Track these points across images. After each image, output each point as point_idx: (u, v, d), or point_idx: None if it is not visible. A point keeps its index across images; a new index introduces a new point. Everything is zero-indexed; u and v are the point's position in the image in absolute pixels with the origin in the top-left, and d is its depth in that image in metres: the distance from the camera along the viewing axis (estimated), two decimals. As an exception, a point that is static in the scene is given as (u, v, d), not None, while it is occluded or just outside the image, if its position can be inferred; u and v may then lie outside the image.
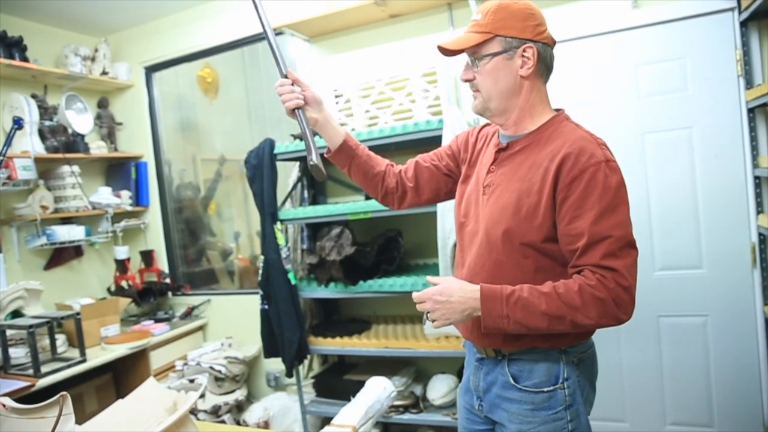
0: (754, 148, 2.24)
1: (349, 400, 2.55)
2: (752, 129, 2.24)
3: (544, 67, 1.31)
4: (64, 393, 1.36)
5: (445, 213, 2.33)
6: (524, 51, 1.27)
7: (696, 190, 2.36)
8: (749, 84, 2.24)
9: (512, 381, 1.31)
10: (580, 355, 1.31)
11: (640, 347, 2.49)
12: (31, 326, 2.48)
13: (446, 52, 1.32)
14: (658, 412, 2.49)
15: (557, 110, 1.36)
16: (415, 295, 1.28)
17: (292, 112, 1.45)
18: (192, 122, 4.69)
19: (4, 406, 1.39)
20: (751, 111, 2.24)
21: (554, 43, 1.33)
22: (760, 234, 2.25)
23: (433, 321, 1.27)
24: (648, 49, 2.41)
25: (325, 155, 1.57)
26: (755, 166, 2.24)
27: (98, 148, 3.38)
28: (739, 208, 2.30)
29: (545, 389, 1.28)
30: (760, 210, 2.25)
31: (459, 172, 1.53)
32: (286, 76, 1.45)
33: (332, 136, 1.55)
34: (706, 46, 2.31)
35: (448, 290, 1.23)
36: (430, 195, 1.59)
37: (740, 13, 2.21)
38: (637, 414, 2.52)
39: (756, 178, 2.25)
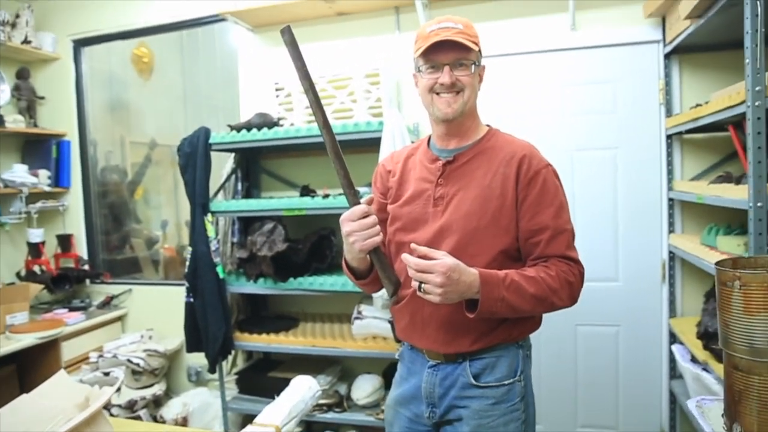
0: (670, 172, 2.41)
1: (273, 397, 2.52)
2: (669, 154, 2.41)
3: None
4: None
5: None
6: (481, 70, 1.40)
7: (616, 207, 2.50)
8: (669, 112, 2.40)
9: (473, 380, 1.34)
10: (529, 348, 1.43)
11: (558, 354, 2.62)
12: (-75, 311, 2.29)
13: (441, 53, 1.32)
14: (570, 415, 2.62)
15: (487, 125, 1.46)
16: (423, 263, 1.18)
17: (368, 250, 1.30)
18: (122, 102, 4.46)
19: None
20: (669, 137, 2.41)
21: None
22: (670, 252, 2.42)
23: (426, 294, 1.21)
24: (581, 71, 2.53)
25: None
26: (670, 188, 2.41)
27: (14, 122, 3.14)
28: (654, 227, 2.46)
29: (506, 382, 1.34)
30: (671, 230, 2.42)
31: None
32: (360, 200, 1.30)
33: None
34: (633, 72, 2.45)
35: (459, 269, 1.19)
36: None
37: (665, 45, 2.37)
38: (551, 417, 2.64)
39: (670, 199, 2.42)
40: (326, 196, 2.41)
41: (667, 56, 2.38)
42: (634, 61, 2.45)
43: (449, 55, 1.32)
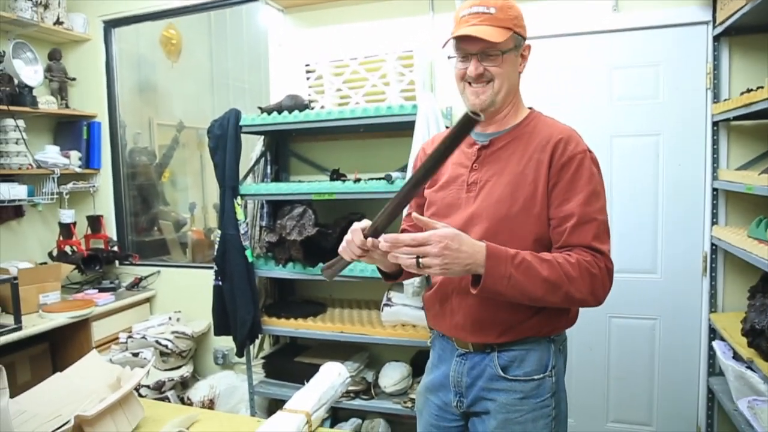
0: (715, 161, 2.31)
1: (299, 382, 2.52)
2: (715, 142, 2.30)
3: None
4: (-1, 366, 1.26)
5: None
6: (524, 49, 1.33)
7: (657, 197, 2.41)
8: (716, 98, 2.29)
9: (501, 372, 1.30)
10: (563, 343, 1.36)
11: (590, 345, 2.55)
12: (-39, 288, 2.32)
13: (469, 42, 1.27)
14: (601, 410, 2.56)
15: (529, 108, 1.40)
16: (419, 236, 1.11)
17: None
18: (151, 84, 4.47)
19: (-73, 376, 1.28)
20: (715, 124, 2.30)
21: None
22: (712, 244, 2.32)
23: (426, 268, 1.12)
24: (624, 54, 2.43)
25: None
26: (714, 178, 2.30)
27: (47, 103, 3.16)
28: (696, 218, 2.37)
29: (535, 377, 1.29)
30: (714, 221, 2.32)
31: None
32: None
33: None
34: (679, 56, 2.34)
35: (459, 238, 1.11)
36: None
37: (714, 27, 2.25)
38: (581, 410, 2.58)
39: (714, 189, 2.32)
40: (357, 180, 2.37)
41: (716, 38, 2.26)
42: (680, 43, 2.34)
43: (477, 45, 1.26)
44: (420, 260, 1.11)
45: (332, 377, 1.75)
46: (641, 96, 2.41)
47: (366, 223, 1.24)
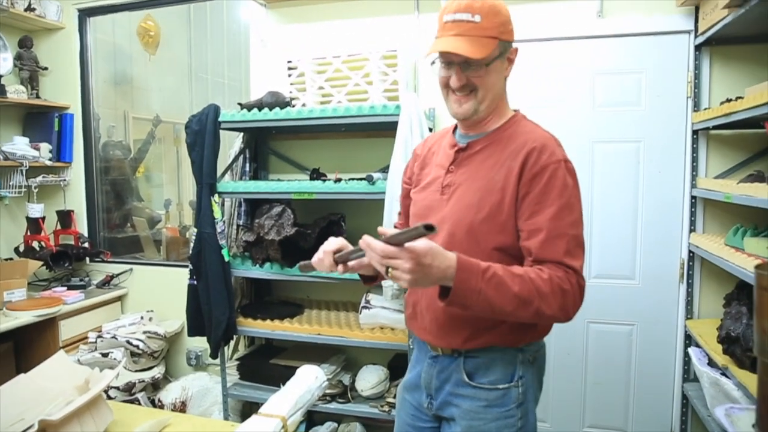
0: (694, 169, 2.33)
1: (274, 385, 2.47)
2: (694, 150, 2.33)
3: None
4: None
5: (393, 201, 2.26)
6: (511, 53, 1.29)
7: (637, 203, 2.42)
8: (696, 106, 2.31)
9: (466, 378, 1.29)
10: (534, 354, 1.31)
11: (568, 350, 2.56)
12: None
13: (453, 57, 1.22)
14: (577, 414, 2.57)
15: (514, 111, 1.36)
16: (386, 249, 1.04)
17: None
18: (127, 76, 4.37)
19: None
20: (695, 133, 2.32)
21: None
22: (690, 251, 2.35)
23: (394, 278, 1.08)
24: (607, 60, 2.44)
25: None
26: (693, 186, 2.33)
27: (16, 92, 3.04)
28: (674, 225, 2.39)
29: (500, 386, 1.27)
30: (692, 228, 2.35)
31: None
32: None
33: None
34: (662, 64, 2.36)
35: (431, 254, 1.06)
36: None
37: (696, 36, 2.27)
38: (558, 415, 2.59)
39: (693, 197, 2.34)
40: (338, 180, 2.33)
41: (697, 48, 2.29)
42: (663, 51, 2.36)
43: (460, 56, 1.20)
44: (389, 270, 1.07)
45: (309, 381, 1.70)
46: (623, 102, 2.42)
47: (341, 241, 1.26)
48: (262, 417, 1.49)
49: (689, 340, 2.32)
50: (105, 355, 2.76)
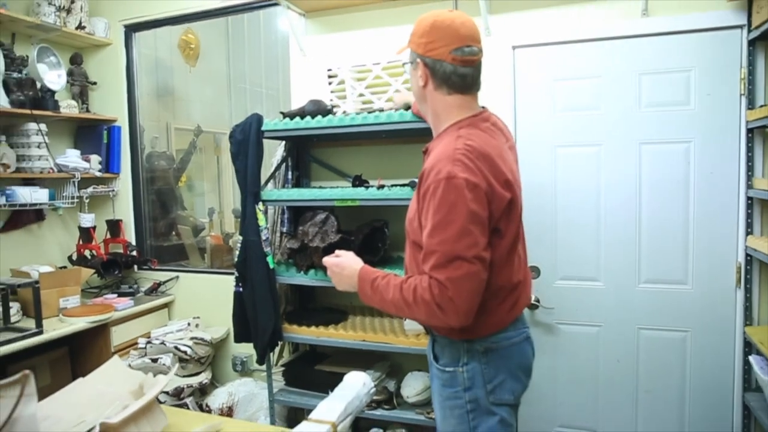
0: (750, 169, 2.24)
1: (319, 391, 2.49)
2: (749, 149, 2.24)
3: (439, 80, 1.45)
4: (27, 372, 1.24)
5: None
6: (418, 64, 1.47)
7: (688, 205, 2.34)
8: (751, 104, 2.22)
9: (433, 358, 1.55)
10: (488, 345, 1.45)
11: (617, 357, 2.49)
12: (-17, 293, 2.31)
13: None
14: (629, 423, 2.49)
15: (482, 109, 1.52)
16: (324, 259, 1.62)
17: None
18: (168, 88, 4.49)
19: (-45, 381, 1.26)
20: (750, 131, 2.23)
21: (456, 59, 1.42)
22: (747, 255, 2.25)
23: None
24: (653, 59, 2.37)
25: None
26: (749, 186, 2.24)
27: (69, 107, 3.16)
28: (729, 227, 2.30)
29: (448, 369, 1.49)
30: (749, 231, 2.25)
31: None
32: None
33: None
34: (712, 61, 2.28)
35: (341, 264, 1.56)
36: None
37: (749, 31, 2.19)
38: (608, 423, 2.52)
39: (749, 198, 2.25)
40: (381, 186, 2.33)
41: (751, 43, 2.20)
42: (713, 48, 2.28)
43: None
44: None
45: (357, 387, 1.71)
46: (671, 102, 2.35)
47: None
48: (312, 423, 1.50)
49: (749, 347, 2.23)
50: (154, 360, 2.83)
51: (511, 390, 1.48)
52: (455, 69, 1.43)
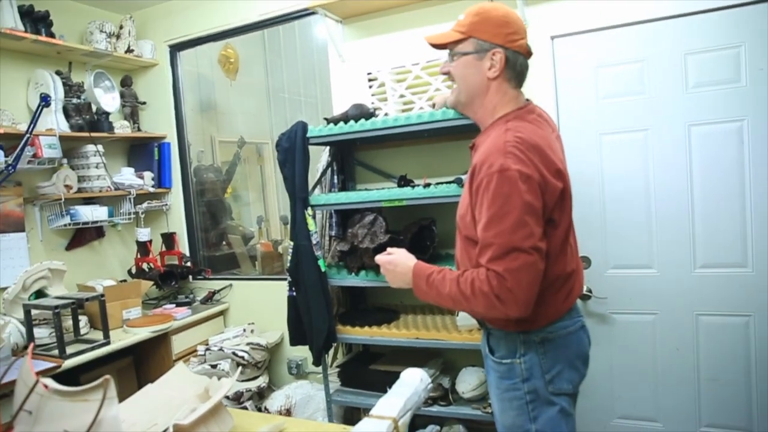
0: (809, 144, 2.16)
1: (374, 390, 2.53)
2: (808, 124, 2.16)
3: (512, 72, 1.47)
4: (108, 376, 1.32)
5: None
6: (493, 54, 1.44)
7: (744, 185, 2.27)
8: (808, 77, 2.15)
9: (489, 352, 1.57)
10: (544, 336, 1.46)
11: (676, 345, 2.43)
12: (56, 306, 2.45)
13: (432, 45, 1.53)
14: (692, 413, 2.43)
15: (526, 102, 1.53)
16: (376, 258, 1.65)
17: None
18: (211, 103, 4.63)
19: (45, 386, 1.35)
20: (807, 106, 2.15)
21: (528, 53, 1.50)
22: (810, 233, 2.17)
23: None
24: (698, 38, 2.31)
25: None
26: (809, 162, 2.16)
27: (122, 127, 3.32)
28: (790, 206, 2.22)
29: (505, 361, 1.50)
30: (812, 208, 2.17)
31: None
32: None
33: None
34: (762, 35, 2.21)
35: (395, 261, 1.57)
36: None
37: (800, 2, 2.12)
38: (670, 414, 2.47)
39: (809, 175, 2.17)
40: (427, 185, 2.36)
41: (805, 14, 2.13)
42: (763, 21, 2.20)
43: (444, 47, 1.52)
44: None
45: (415, 383, 1.73)
46: (720, 81, 2.28)
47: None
48: (374, 419, 1.53)
49: (817, 329, 2.15)
50: (214, 366, 2.92)
51: (569, 379, 1.48)
52: (526, 63, 1.49)
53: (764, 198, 2.25)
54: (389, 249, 1.65)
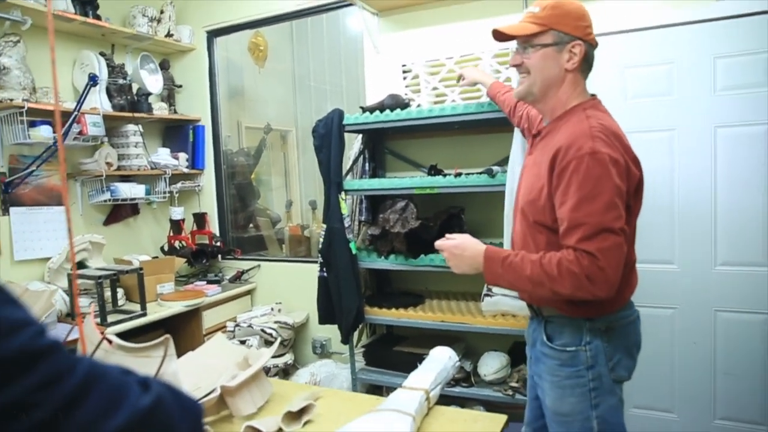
0: (833, 149, 2.22)
1: (399, 370, 2.63)
2: (833, 129, 2.22)
3: (587, 64, 1.49)
4: (167, 335, 1.43)
5: (512, 192, 2.34)
6: (573, 47, 1.44)
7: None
8: (833, 83, 2.21)
9: (546, 339, 1.52)
10: (609, 323, 1.46)
11: (694, 339, 2.51)
12: (99, 277, 2.58)
13: (501, 36, 1.50)
14: (707, 406, 2.51)
15: (591, 96, 1.51)
16: (437, 242, 1.56)
17: None
18: (239, 89, 4.74)
19: (110, 342, 1.46)
20: (833, 110, 2.22)
21: (596, 45, 1.51)
22: (830, 235, 2.24)
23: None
24: (726, 42, 2.37)
25: None
26: (832, 166, 2.22)
27: (160, 109, 3.43)
28: (812, 207, 2.29)
29: (568, 349, 1.47)
30: (833, 211, 2.24)
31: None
32: None
33: None
34: (791, 41, 2.27)
35: (462, 245, 1.50)
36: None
37: (831, 9, 2.18)
38: (686, 405, 2.55)
39: (832, 178, 2.23)
40: (458, 174, 2.45)
41: (834, 22, 2.19)
42: (792, 28, 2.27)
43: (499, 32, 1.49)
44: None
45: (444, 359, 1.84)
46: (748, 84, 2.34)
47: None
48: (407, 390, 1.64)
49: (833, 327, 2.22)
50: (242, 342, 3.04)
51: (626, 367, 1.50)
52: (594, 55, 1.52)
53: (787, 199, 2.32)
54: (447, 235, 1.59)
